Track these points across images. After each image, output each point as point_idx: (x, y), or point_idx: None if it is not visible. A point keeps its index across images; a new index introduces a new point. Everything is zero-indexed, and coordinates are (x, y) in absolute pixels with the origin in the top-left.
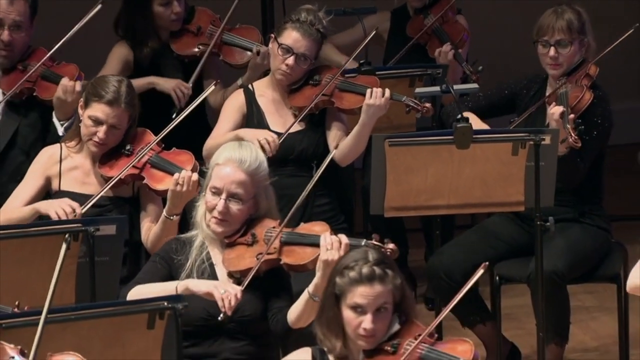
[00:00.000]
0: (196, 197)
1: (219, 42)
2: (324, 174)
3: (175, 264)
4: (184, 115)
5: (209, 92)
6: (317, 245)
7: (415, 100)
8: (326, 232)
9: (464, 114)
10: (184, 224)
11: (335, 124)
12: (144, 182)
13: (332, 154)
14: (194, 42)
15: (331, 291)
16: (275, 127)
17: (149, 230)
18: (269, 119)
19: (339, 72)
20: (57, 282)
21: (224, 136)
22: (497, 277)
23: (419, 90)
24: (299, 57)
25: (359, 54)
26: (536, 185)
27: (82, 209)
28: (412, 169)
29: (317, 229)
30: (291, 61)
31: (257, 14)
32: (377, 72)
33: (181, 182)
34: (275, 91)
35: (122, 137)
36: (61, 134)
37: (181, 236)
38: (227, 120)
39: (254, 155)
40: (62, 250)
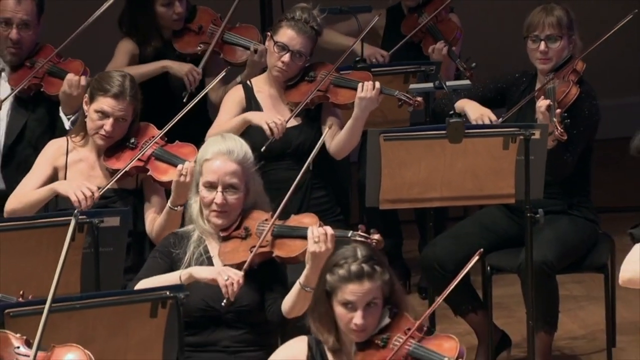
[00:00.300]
0: (190, 196)
1: (220, 41)
2: (321, 168)
3: (174, 258)
4: (194, 102)
5: (220, 77)
6: (306, 237)
7: (406, 94)
8: (314, 224)
9: (462, 102)
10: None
11: (330, 119)
12: (148, 174)
13: (324, 135)
14: (196, 41)
15: (322, 288)
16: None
17: (154, 221)
18: (266, 112)
19: (333, 68)
20: (63, 269)
21: (230, 121)
22: (489, 268)
23: (413, 86)
24: (294, 54)
25: (354, 47)
26: (526, 178)
27: (100, 192)
28: (406, 162)
29: (306, 220)
30: (287, 58)
31: (256, 12)
32: (372, 69)
33: (184, 173)
34: (272, 87)
35: (127, 130)
36: (68, 128)
37: (178, 231)
38: (227, 113)
39: (239, 144)
40: (70, 226)
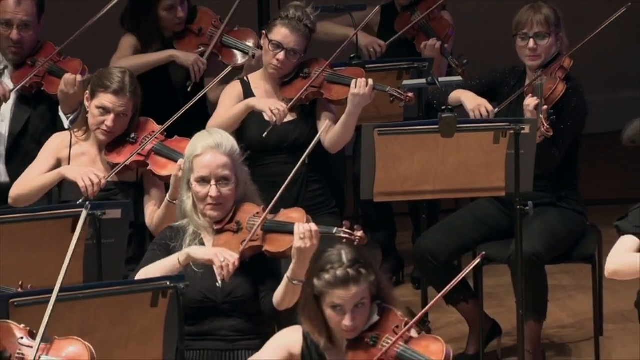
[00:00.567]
0: (181, 193)
1: (219, 44)
2: (316, 162)
3: (172, 250)
4: (194, 101)
5: (222, 75)
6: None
7: (398, 90)
8: (302, 219)
9: (458, 92)
10: None
11: (324, 114)
12: (148, 168)
13: (321, 131)
14: (196, 43)
15: (310, 292)
16: (267, 117)
17: (153, 213)
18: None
19: (327, 64)
20: (72, 255)
21: (233, 108)
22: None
23: (406, 82)
24: (288, 52)
25: (346, 47)
26: (516, 171)
27: (107, 179)
28: (400, 156)
29: (294, 215)
30: (281, 56)
31: (253, 13)
32: (366, 66)
33: (183, 168)
34: (268, 83)
35: (128, 125)
36: (67, 127)
37: (174, 225)
38: (225, 107)
39: (226, 137)
40: (82, 217)
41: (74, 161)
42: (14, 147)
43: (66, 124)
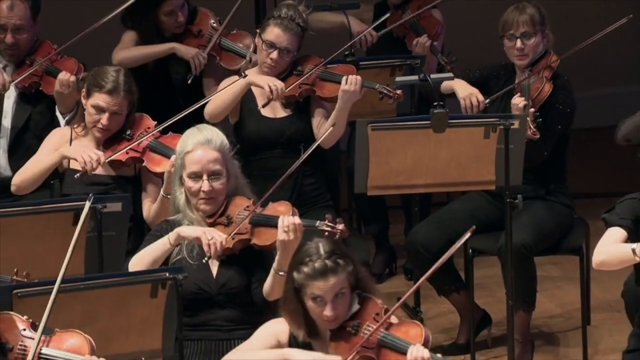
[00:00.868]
0: (173, 189)
1: (217, 46)
2: (311, 156)
3: None
4: (193, 108)
5: (240, 66)
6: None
7: (386, 87)
8: (287, 212)
9: (450, 82)
10: None
11: (318, 111)
12: (143, 164)
13: (317, 143)
14: (195, 44)
15: (291, 285)
16: (264, 112)
17: (150, 207)
18: (260, 104)
19: (322, 63)
20: (73, 251)
21: (232, 86)
22: (470, 250)
23: (399, 79)
24: (282, 51)
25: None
26: (506, 165)
27: (106, 160)
28: (393, 151)
29: (281, 209)
30: (275, 55)
31: (250, 13)
32: (360, 62)
33: (175, 165)
34: None
35: (124, 122)
36: (64, 127)
37: (170, 218)
38: None
39: (215, 133)
40: (85, 208)
41: None
42: (16, 141)
43: (62, 123)
